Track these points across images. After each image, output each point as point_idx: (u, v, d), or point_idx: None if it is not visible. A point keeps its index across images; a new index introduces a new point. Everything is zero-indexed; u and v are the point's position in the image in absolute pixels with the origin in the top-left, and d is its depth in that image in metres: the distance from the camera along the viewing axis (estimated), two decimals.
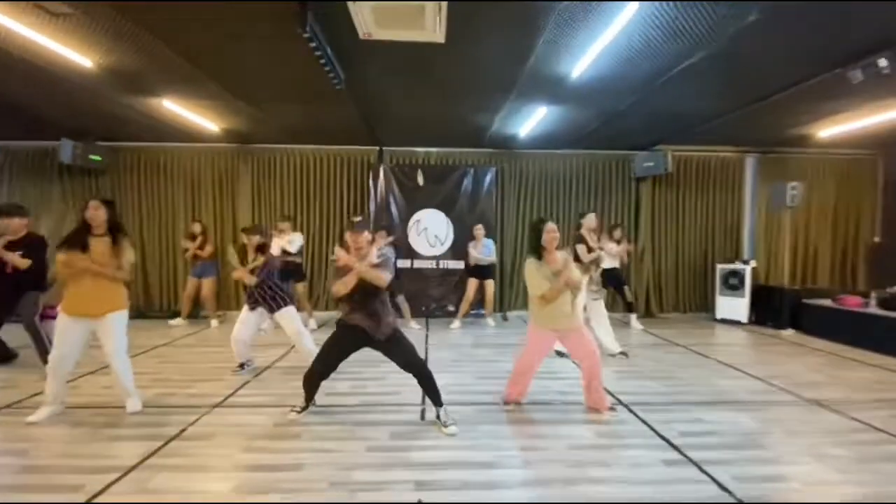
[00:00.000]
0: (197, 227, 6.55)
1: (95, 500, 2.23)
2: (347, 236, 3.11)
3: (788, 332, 6.34)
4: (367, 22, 3.24)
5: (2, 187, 7.24)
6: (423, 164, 7.60)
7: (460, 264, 7.35)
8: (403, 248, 7.09)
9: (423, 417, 3.29)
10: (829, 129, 6.22)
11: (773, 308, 6.74)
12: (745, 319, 6.94)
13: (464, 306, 6.67)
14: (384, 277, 3.02)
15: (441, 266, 7.42)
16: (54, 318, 3.24)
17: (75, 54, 3.84)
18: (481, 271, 6.60)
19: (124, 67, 4.16)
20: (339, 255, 3.07)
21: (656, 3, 3.00)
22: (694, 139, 6.83)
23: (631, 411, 3.44)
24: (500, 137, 6.75)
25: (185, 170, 7.41)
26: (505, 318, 7.28)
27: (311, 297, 6.96)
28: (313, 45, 3.21)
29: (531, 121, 5.76)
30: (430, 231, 7.44)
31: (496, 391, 3.81)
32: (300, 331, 4.32)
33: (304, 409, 3.29)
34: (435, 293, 7.36)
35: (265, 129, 6.46)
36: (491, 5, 3.11)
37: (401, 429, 3.08)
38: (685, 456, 2.73)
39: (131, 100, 5.12)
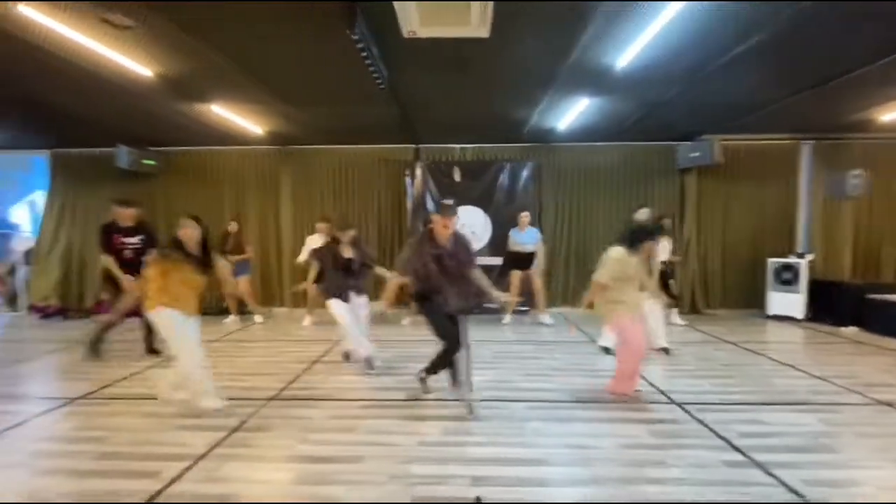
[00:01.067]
0: (234, 226, 6.67)
1: (172, 486, 2.36)
2: (437, 218, 3.33)
3: (850, 330, 6.00)
4: (413, 20, 3.26)
5: (63, 193, 7.72)
6: (459, 160, 7.61)
7: (498, 260, 7.30)
8: None
9: (472, 412, 3.31)
10: (893, 113, 5.81)
11: (832, 304, 6.39)
12: (800, 316, 6.62)
13: (511, 301, 6.37)
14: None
15: (478, 262, 7.39)
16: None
17: (137, 65, 4.05)
18: (523, 262, 6.32)
19: (180, 76, 4.36)
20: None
21: None
22: (743, 127, 6.54)
23: (685, 410, 3.34)
24: (538, 131, 6.66)
25: (230, 171, 7.70)
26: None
27: None
28: (360, 45, 3.26)
29: (571, 113, 5.66)
30: (467, 227, 7.42)
31: (543, 388, 3.80)
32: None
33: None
34: (473, 289, 7.34)
35: (306, 131, 6.62)
36: (536, 3, 3.07)
37: (452, 424, 3.10)
38: (748, 457, 2.64)
39: (183, 106, 5.36)
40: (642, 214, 4.74)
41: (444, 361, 3.48)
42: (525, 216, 6.49)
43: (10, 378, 4.27)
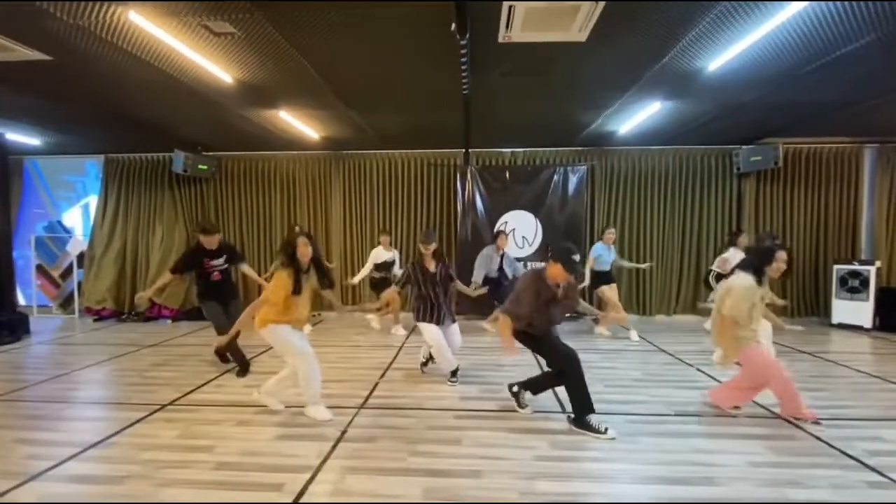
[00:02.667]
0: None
1: (303, 499, 2.32)
2: (558, 271, 3.06)
3: None
4: (515, 24, 3.21)
5: (116, 197, 7.81)
6: (510, 164, 7.54)
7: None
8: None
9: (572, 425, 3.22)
10: None
11: None
12: (868, 325, 6.39)
13: (610, 314, 5.94)
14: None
15: (529, 267, 7.32)
16: None
17: (220, 71, 4.06)
18: (608, 277, 6.13)
19: (258, 81, 4.36)
20: None
21: None
22: (805, 130, 6.36)
23: (796, 426, 3.21)
24: (595, 135, 6.56)
25: (281, 176, 7.73)
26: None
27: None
28: (464, 52, 3.22)
29: (638, 117, 5.53)
30: (518, 232, 7.35)
31: (634, 400, 3.70)
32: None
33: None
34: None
35: (362, 136, 6.60)
36: (650, 4, 2.98)
37: (558, 438, 3.02)
38: (889, 478, 2.51)
39: (252, 112, 5.37)
40: (744, 240, 4.45)
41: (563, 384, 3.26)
42: (611, 232, 6.10)
43: (89, 382, 4.31)
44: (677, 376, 4.31)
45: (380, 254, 6.31)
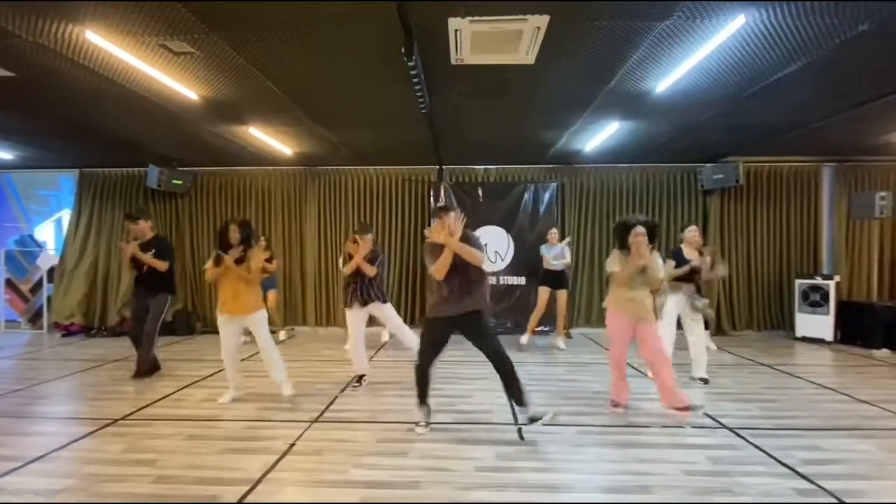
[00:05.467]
0: (262, 243, 6.75)
1: None
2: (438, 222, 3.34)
3: (883, 353, 5.92)
4: (464, 47, 3.34)
5: (90, 211, 7.78)
6: (483, 181, 7.68)
7: (521, 280, 7.33)
8: None
9: (521, 437, 3.26)
10: None
11: (862, 326, 6.34)
12: (829, 338, 6.54)
13: (533, 319, 6.08)
14: (478, 255, 3.36)
15: (501, 282, 7.41)
16: None
17: (184, 88, 4.14)
18: (554, 280, 6.06)
19: (224, 99, 4.45)
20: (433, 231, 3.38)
21: (764, 15, 2.95)
22: (766, 149, 6.60)
23: (738, 435, 3.28)
24: (563, 153, 6.73)
25: (256, 191, 7.77)
26: (569, 336, 7.13)
27: None
28: (414, 72, 3.34)
29: (601, 135, 5.71)
30: (490, 247, 7.45)
31: (587, 412, 3.74)
32: (399, 324, 4.70)
33: (426, 422, 3.41)
34: (495, 309, 7.33)
35: (335, 152, 6.71)
36: (588, 26, 3.13)
37: (504, 449, 3.06)
38: (818, 486, 2.58)
39: (221, 128, 5.45)
40: (691, 232, 4.60)
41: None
42: (553, 233, 6.22)
43: (46, 397, 4.25)
44: (637, 389, 4.35)
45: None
